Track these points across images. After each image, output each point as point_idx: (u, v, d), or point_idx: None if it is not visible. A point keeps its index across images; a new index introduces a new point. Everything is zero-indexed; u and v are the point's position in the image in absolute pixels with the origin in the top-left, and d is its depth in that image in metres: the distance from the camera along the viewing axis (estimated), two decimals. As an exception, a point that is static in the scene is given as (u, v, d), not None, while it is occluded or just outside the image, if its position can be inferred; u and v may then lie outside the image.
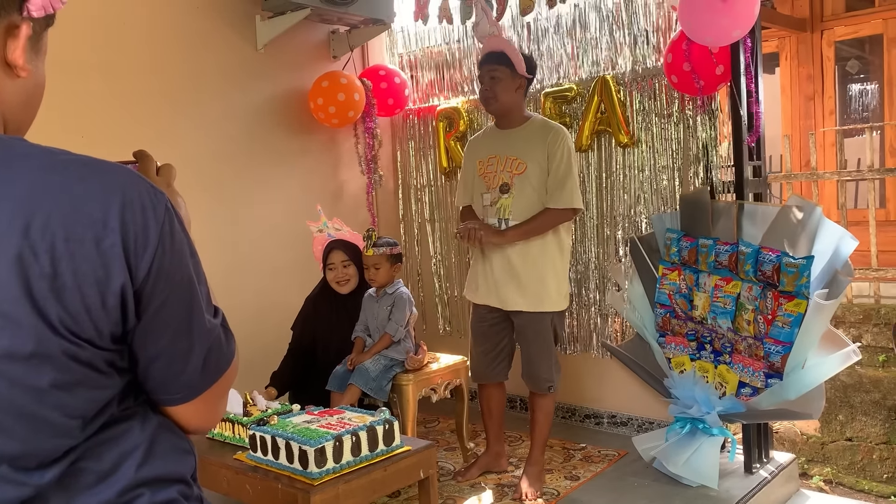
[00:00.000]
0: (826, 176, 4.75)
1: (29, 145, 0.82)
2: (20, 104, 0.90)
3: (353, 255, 3.33)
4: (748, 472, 3.15)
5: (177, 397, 0.91)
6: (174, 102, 3.52)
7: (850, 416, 4.19)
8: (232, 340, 0.95)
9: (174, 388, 0.90)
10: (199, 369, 0.90)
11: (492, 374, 3.22)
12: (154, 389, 0.90)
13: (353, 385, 3.05)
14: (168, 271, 0.83)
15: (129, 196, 0.81)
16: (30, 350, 0.76)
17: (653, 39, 3.54)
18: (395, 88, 4.26)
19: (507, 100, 3.03)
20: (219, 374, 0.93)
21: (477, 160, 3.16)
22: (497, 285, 3.09)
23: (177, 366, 0.88)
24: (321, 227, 3.43)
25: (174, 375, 0.89)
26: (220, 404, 0.97)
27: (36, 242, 0.75)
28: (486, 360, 3.21)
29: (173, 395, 0.90)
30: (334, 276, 3.33)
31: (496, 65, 3.00)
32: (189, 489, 0.92)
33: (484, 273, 3.13)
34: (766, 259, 2.84)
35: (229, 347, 0.94)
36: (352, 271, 3.33)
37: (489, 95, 3.05)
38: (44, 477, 0.80)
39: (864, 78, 7.06)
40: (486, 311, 3.17)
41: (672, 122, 3.49)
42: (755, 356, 2.93)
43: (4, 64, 0.86)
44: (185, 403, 0.91)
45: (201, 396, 0.92)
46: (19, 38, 0.85)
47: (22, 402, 0.77)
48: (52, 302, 0.76)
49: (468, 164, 3.24)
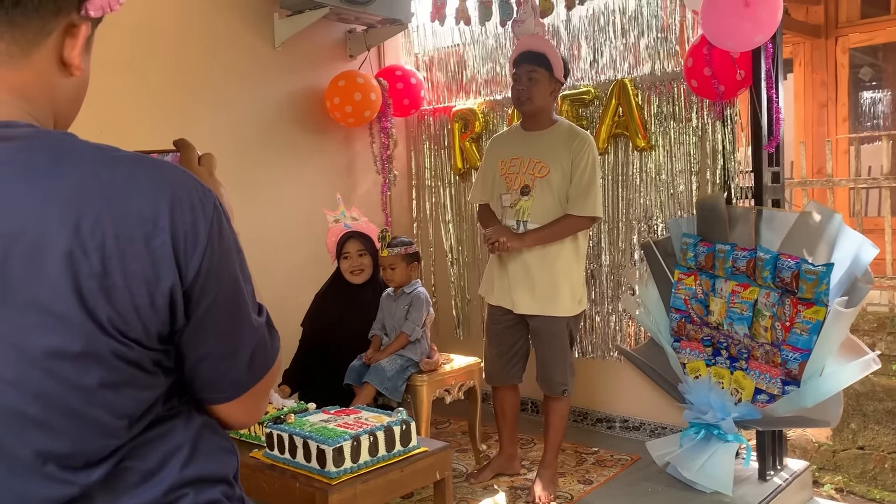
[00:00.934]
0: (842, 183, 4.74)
1: (79, 141, 0.81)
2: (69, 101, 0.90)
3: (369, 246, 3.32)
4: (762, 479, 3.14)
5: (223, 396, 0.91)
6: (193, 100, 3.52)
7: (862, 424, 4.18)
8: (276, 337, 0.95)
9: (222, 386, 0.90)
10: (245, 368, 0.90)
11: (506, 376, 3.21)
12: (201, 388, 0.89)
13: (369, 384, 3.05)
14: (217, 271, 0.83)
15: (178, 194, 0.81)
16: (79, 349, 0.76)
17: (673, 44, 3.53)
18: (412, 89, 4.26)
19: (542, 102, 3.03)
20: (264, 372, 0.93)
21: (499, 160, 3.15)
22: (511, 288, 3.08)
23: (224, 365, 0.88)
24: (338, 216, 3.43)
25: (221, 374, 0.89)
26: (263, 401, 0.97)
27: (86, 241, 0.75)
28: (500, 362, 3.20)
29: (220, 394, 0.90)
30: (349, 266, 3.32)
31: (536, 66, 2.98)
32: (231, 490, 0.92)
33: (500, 275, 3.13)
34: (785, 266, 2.83)
35: (273, 344, 0.94)
36: (367, 261, 3.33)
37: (525, 96, 3.02)
38: (90, 476, 0.79)
39: (877, 85, 7.04)
40: (501, 313, 3.17)
41: (690, 127, 3.48)
42: (772, 363, 2.92)
43: (60, 62, 0.85)
44: (230, 402, 0.91)
45: (247, 394, 0.92)
46: (78, 37, 0.85)
47: (71, 401, 0.77)
48: (102, 301, 0.76)
49: (489, 162, 3.23)
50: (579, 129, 3.11)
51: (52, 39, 0.84)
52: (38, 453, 0.77)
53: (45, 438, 0.77)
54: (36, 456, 0.77)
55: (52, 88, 0.86)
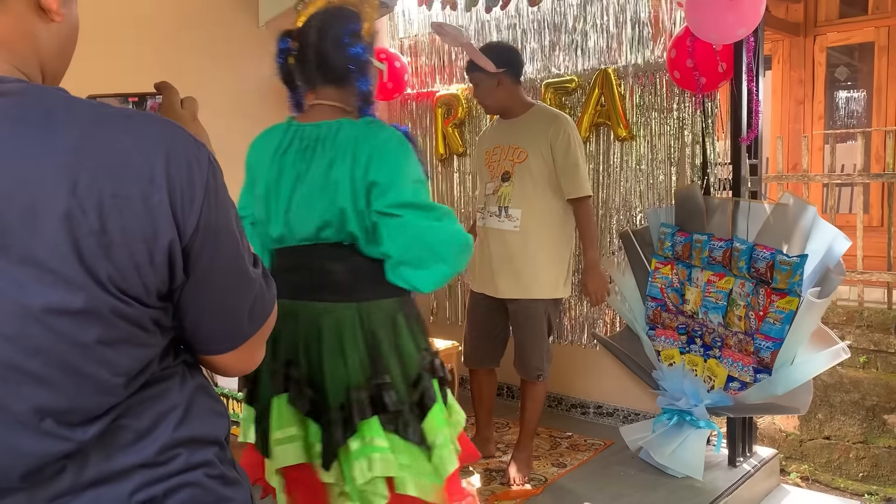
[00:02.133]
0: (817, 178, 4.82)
1: (68, 97, 0.81)
2: (56, 51, 0.88)
3: None
4: (732, 465, 3.20)
5: (225, 346, 0.92)
6: (171, 78, 3.43)
7: (829, 415, 4.28)
8: (273, 286, 0.96)
9: (224, 338, 0.91)
10: (246, 319, 0.91)
11: (484, 359, 3.24)
12: (203, 341, 0.91)
13: None
14: (214, 226, 0.84)
15: (173, 150, 0.81)
16: (79, 306, 0.76)
17: (657, 35, 3.57)
18: (395, 72, 4.25)
19: (494, 100, 3.11)
20: (263, 321, 0.95)
21: (484, 151, 3.22)
22: (494, 274, 3.11)
23: (226, 318, 0.90)
24: None
25: (224, 327, 0.90)
26: (261, 348, 0.98)
27: (83, 199, 0.75)
28: (479, 346, 3.23)
29: (222, 345, 0.92)
30: None
31: (471, 73, 3.10)
32: (223, 452, 0.93)
33: (482, 261, 3.15)
34: (761, 256, 2.89)
35: (270, 293, 0.95)
36: None
37: (480, 102, 3.20)
38: (87, 433, 0.80)
39: (852, 85, 7.15)
40: (482, 298, 3.19)
41: (671, 118, 3.52)
42: (745, 351, 2.98)
43: (38, 8, 0.84)
44: (232, 351, 0.93)
45: (247, 342, 0.93)
46: None
47: (69, 358, 0.77)
48: (101, 259, 0.76)
49: (478, 158, 3.30)
50: (555, 112, 3.14)
51: None
52: (35, 408, 0.77)
53: (44, 394, 0.77)
54: (34, 411, 0.77)
55: (33, 37, 0.85)
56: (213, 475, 0.90)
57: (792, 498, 3.32)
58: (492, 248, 3.11)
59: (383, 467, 1.72)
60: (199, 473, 0.88)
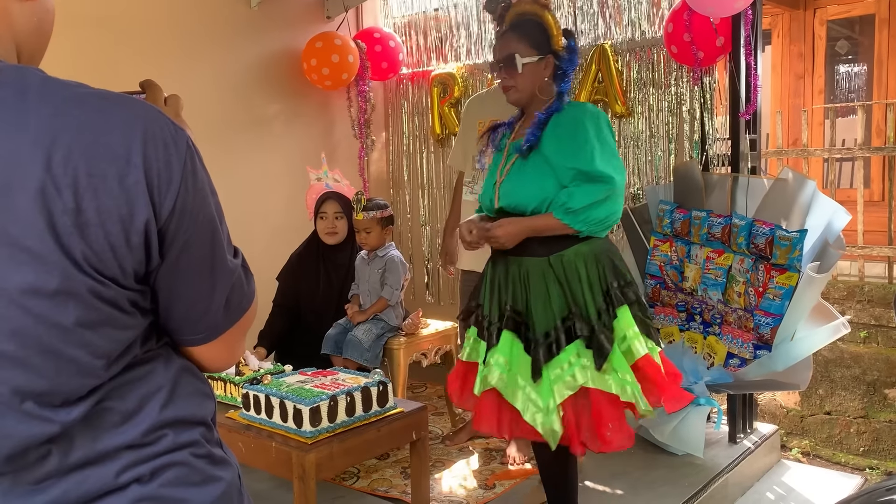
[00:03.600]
0: (817, 153, 4.78)
1: (44, 76, 0.80)
2: (31, 30, 0.87)
3: (347, 209, 3.31)
4: (732, 441, 3.20)
5: (199, 337, 0.90)
6: (165, 58, 3.45)
7: (829, 390, 4.27)
8: (252, 280, 0.95)
9: (197, 328, 0.89)
10: (221, 309, 0.90)
11: None
12: (177, 329, 0.89)
13: (349, 360, 3.06)
14: (191, 209, 0.82)
15: (150, 131, 0.80)
16: (55, 286, 0.75)
17: (653, 9, 3.52)
18: (390, 52, 4.21)
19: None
20: (240, 314, 0.93)
21: (478, 120, 3.12)
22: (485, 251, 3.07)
23: (200, 306, 0.88)
24: (321, 175, 3.40)
25: (197, 316, 0.88)
26: (239, 344, 0.97)
27: (58, 176, 0.74)
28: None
29: (196, 336, 0.90)
30: (324, 226, 3.30)
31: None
32: (209, 432, 0.93)
33: None
34: (760, 232, 2.86)
35: (249, 287, 0.94)
36: (342, 225, 3.31)
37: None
38: (70, 414, 0.79)
39: (853, 59, 7.09)
40: (475, 276, 3.15)
41: (669, 94, 3.48)
42: (745, 328, 2.96)
43: None
44: (207, 343, 0.91)
45: (222, 336, 0.92)
46: None
47: (48, 339, 0.77)
48: (76, 238, 0.75)
49: (468, 125, 3.19)
50: None
51: None
52: (15, 390, 0.77)
53: (23, 376, 0.77)
54: (13, 393, 0.77)
55: (7, 15, 0.83)
56: (200, 454, 0.89)
57: (793, 473, 3.32)
58: None
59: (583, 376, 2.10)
60: (185, 453, 0.88)
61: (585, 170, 2.12)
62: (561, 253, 2.17)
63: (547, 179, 2.17)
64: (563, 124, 2.20)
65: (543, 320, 2.15)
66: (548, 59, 2.24)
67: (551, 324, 2.14)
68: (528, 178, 2.20)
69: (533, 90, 2.26)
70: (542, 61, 2.24)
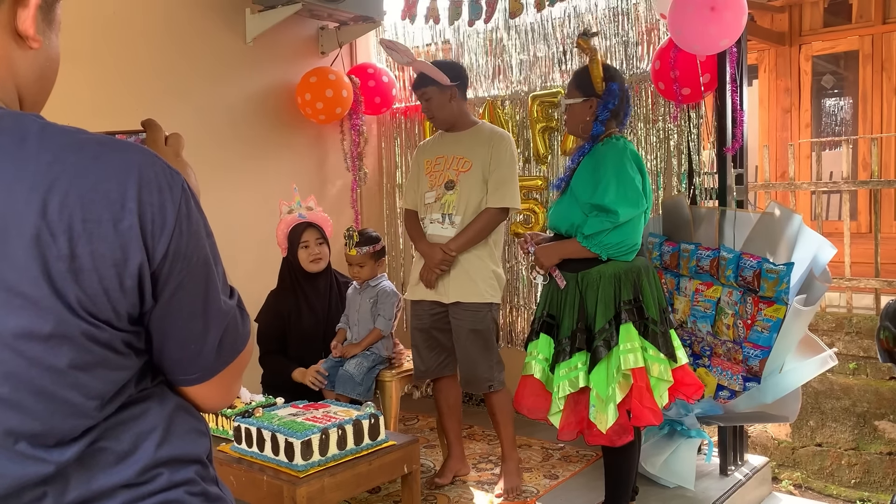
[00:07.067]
0: (804, 186, 4.85)
1: (43, 122, 0.81)
2: (34, 78, 0.88)
3: (325, 235, 3.33)
4: (723, 473, 3.20)
5: (193, 378, 0.91)
6: (161, 93, 3.49)
7: (820, 422, 4.29)
8: (248, 321, 0.95)
9: (190, 368, 0.90)
10: (214, 350, 0.90)
11: (440, 366, 3.20)
12: (170, 370, 0.90)
13: (342, 396, 3.06)
14: (185, 252, 0.84)
15: (145, 176, 0.81)
16: (49, 330, 0.76)
17: (641, 46, 3.60)
18: (383, 87, 4.27)
19: (445, 113, 3.17)
20: (234, 355, 0.93)
21: (424, 160, 3.27)
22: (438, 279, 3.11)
23: (193, 347, 0.88)
24: (293, 206, 3.40)
25: (190, 356, 0.89)
26: (235, 384, 0.97)
27: (53, 223, 0.75)
28: (432, 354, 3.19)
29: (189, 376, 0.91)
30: (308, 255, 3.27)
31: (423, 87, 3.15)
32: (205, 470, 0.93)
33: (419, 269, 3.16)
34: (748, 265, 2.90)
35: (245, 328, 0.94)
36: (325, 250, 3.32)
37: (429, 115, 3.23)
38: (64, 455, 0.80)
39: (838, 93, 7.22)
40: (428, 306, 3.17)
41: (657, 129, 3.54)
42: (734, 360, 2.98)
43: (16, 35, 0.84)
44: (201, 384, 0.92)
45: (217, 377, 0.92)
46: (29, 6, 0.84)
47: (41, 382, 0.77)
48: (71, 283, 0.76)
49: (416, 167, 3.33)
50: (499, 129, 3.25)
51: (3, 11, 0.83)
52: (8, 431, 0.77)
53: (16, 417, 0.77)
54: (6, 434, 0.77)
55: (9, 62, 0.85)
56: (195, 493, 0.90)
57: (784, 506, 3.33)
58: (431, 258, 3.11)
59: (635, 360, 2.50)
60: (180, 491, 0.88)
61: (597, 203, 2.57)
62: (587, 271, 2.62)
63: (574, 209, 2.67)
64: (589, 163, 2.66)
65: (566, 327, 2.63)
66: (591, 101, 2.68)
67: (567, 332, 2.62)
68: (562, 207, 2.74)
69: (576, 128, 2.77)
70: (586, 103, 2.68)
